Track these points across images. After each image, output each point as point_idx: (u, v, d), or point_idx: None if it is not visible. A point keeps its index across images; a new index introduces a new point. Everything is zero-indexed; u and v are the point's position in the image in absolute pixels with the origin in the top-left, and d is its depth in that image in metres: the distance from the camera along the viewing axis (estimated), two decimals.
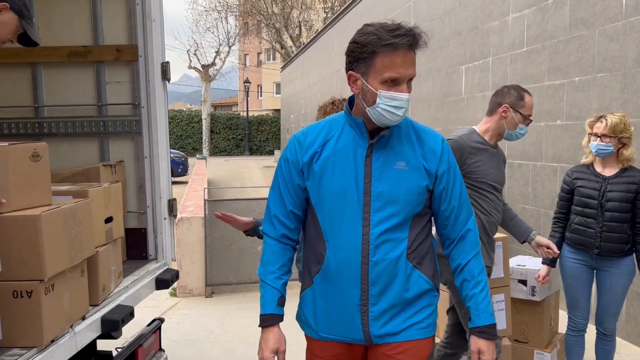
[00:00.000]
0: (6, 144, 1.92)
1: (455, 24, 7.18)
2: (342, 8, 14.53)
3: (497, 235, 3.08)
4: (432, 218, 1.81)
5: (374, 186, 1.66)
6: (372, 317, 1.69)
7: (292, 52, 26.84)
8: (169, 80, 3.20)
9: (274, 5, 28.76)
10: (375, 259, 1.65)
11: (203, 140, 29.97)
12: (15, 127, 3.19)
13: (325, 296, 1.74)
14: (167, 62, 3.17)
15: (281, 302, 1.78)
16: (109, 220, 2.56)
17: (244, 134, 31.83)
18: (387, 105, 1.59)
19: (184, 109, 37.77)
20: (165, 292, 5.41)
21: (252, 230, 2.54)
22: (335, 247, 1.69)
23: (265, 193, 2.52)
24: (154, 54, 3.08)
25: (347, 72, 1.68)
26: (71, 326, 2.12)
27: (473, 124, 3.09)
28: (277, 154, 25.67)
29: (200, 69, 30.05)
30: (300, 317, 1.86)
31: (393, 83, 1.59)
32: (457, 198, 1.74)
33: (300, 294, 1.84)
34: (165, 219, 3.20)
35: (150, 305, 4.97)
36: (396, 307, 1.69)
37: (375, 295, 1.67)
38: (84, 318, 2.23)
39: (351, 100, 1.76)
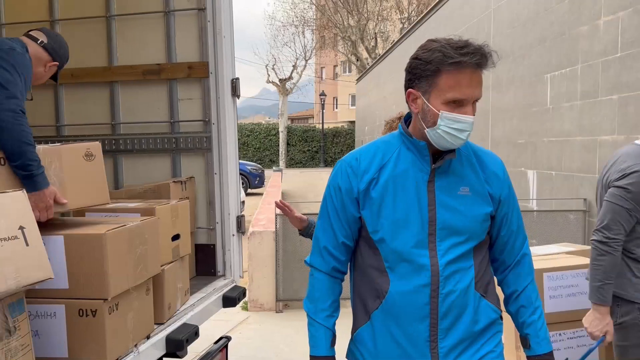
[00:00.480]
0: (59, 144, 2.00)
1: (539, 30, 6.78)
2: (419, 18, 14.29)
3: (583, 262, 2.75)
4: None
5: (438, 213, 1.54)
6: (442, 354, 1.57)
7: (368, 63, 26.76)
8: (238, 96, 3.20)
9: (349, 18, 28.89)
10: (445, 291, 1.54)
11: (280, 152, 30.51)
12: None
13: (388, 333, 1.60)
14: (237, 79, 3.17)
15: (333, 342, 1.69)
16: (176, 237, 2.56)
17: (319, 146, 32.08)
18: (449, 127, 1.47)
19: (263, 122, 38.69)
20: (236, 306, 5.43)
21: (305, 231, 2.44)
22: (400, 279, 1.57)
23: None
24: (224, 71, 3.08)
25: (406, 90, 1.56)
26: (135, 345, 2.11)
27: (560, 136, 2.81)
28: None
29: (278, 82, 30.70)
30: (355, 357, 1.72)
31: (457, 104, 1.47)
32: (516, 222, 1.68)
33: (354, 331, 1.70)
34: (233, 235, 3.18)
35: (221, 319, 5.00)
36: (466, 341, 1.58)
37: (445, 330, 1.56)
38: (148, 337, 2.22)
39: (406, 119, 1.64)
